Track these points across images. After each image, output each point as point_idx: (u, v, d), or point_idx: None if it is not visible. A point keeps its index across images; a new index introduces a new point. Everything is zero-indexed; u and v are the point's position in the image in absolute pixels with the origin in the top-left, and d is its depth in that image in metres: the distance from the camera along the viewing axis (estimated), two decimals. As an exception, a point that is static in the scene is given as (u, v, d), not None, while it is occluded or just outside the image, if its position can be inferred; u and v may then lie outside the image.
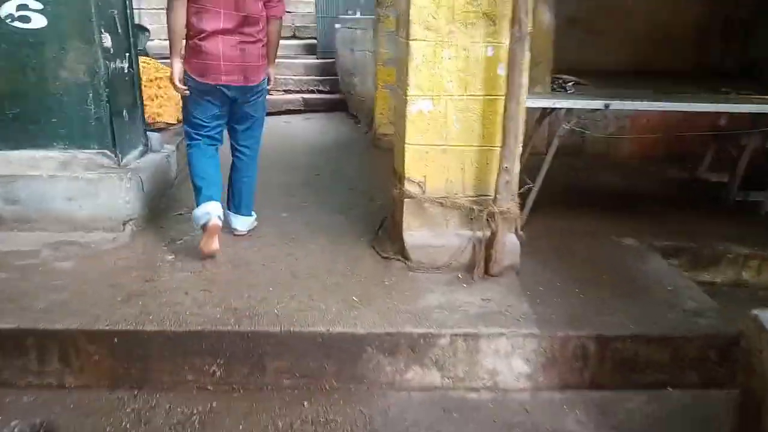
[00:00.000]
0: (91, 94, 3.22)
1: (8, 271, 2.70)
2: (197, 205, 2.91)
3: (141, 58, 5.23)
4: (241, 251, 3.01)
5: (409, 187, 2.80)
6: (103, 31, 3.17)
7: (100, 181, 3.15)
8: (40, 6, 3.07)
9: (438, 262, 2.81)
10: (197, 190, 2.94)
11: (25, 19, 3.07)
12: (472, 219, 2.80)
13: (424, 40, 2.65)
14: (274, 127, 6.26)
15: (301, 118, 6.83)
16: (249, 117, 3.04)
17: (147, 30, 5.72)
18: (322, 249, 3.06)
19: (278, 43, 3.04)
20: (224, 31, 2.75)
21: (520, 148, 2.71)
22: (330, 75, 7.59)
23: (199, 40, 2.75)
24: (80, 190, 3.13)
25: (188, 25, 2.75)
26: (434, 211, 2.83)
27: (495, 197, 2.73)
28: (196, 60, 2.79)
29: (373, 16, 5.92)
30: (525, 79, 2.62)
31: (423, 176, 2.80)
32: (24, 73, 3.14)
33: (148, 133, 4.00)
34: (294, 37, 8.46)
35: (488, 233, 2.74)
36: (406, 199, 2.83)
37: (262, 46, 2.91)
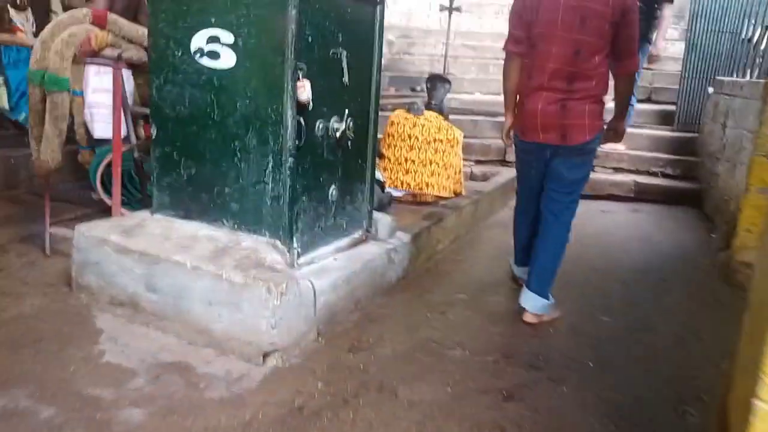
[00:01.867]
0: (270, 164, 2.29)
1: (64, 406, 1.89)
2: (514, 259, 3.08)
3: (427, 113, 4.33)
4: None
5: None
6: (300, 77, 2.21)
7: (245, 288, 2.17)
8: (231, 39, 2.27)
9: None
10: (515, 247, 3.05)
11: (214, 56, 2.31)
12: None
13: None
14: (583, 216, 4.66)
15: (627, 209, 5.02)
16: (561, 177, 2.71)
17: (448, 82, 4.80)
18: None
19: (628, 100, 2.82)
20: (548, 88, 2.56)
21: None
22: (685, 155, 5.56)
23: (524, 95, 2.66)
24: (222, 293, 2.21)
25: (519, 80, 2.68)
26: None
27: None
28: (519, 116, 2.71)
29: (765, 80, 3.85)
30: None
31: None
32: (204, 124, 2.39)
33: (375, 215, 2.96)
34: (649, 100, 6.60)
35: None
36: None
37: (594, 102, 2.60)
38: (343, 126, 2.52)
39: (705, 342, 2.62)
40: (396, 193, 4.13)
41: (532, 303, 2.69)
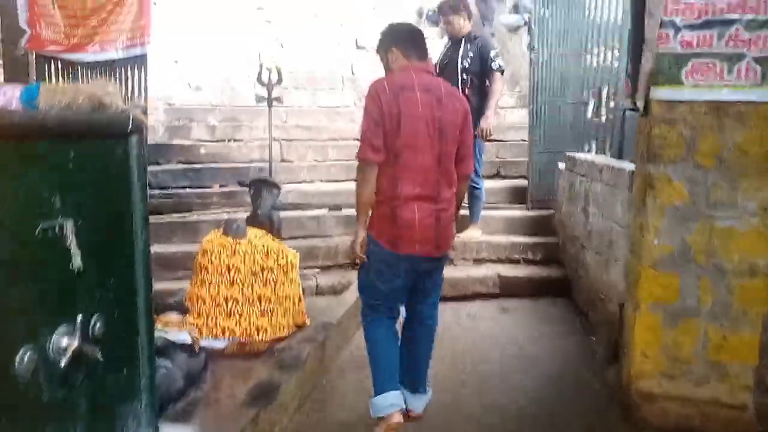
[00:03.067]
0: None
1: None
2: (376, 392, 2.64)
3: (252, 233, 3.40)
4: None
5: None
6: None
7: None
8: None
9: None
10: (377, 374, 2.68)
11: None
12: None
13: None
14: (451, 327, 3.97)
15: (495, 309, 4.41)
16: (435, 284, 2.83)
17: (276, 187, 3.92)
18: None
19: (463, 199, 2.94)
20: (421, 198, 2.54)
21: None
22: (544, 235, 5.16)
23: (393, 206, 2.53)
24: None
25: (379, 190, 2.55)
26: None
27: None
28: (387, 227, 2.56)
29: (629, 167, 3.45)
30: None
31: None
32: None
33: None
34: (498, 175, 6.24)
35: None
36: None
37: (454, 208, 2.73)
38: (76, 341, 1.51)
39: None
40: (217, 345, 3.11)
41: (421, 402, 2.83)
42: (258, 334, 3.18)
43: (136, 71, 4.81)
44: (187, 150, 5.71)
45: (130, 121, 1.78)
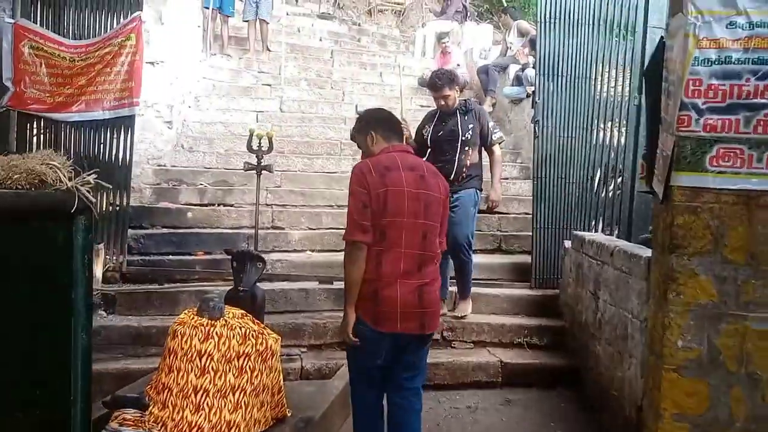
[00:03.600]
0: None
1: None
2: None
3: (229, 313, 3.08)
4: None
5: None
6: None
7: None
8: None
9: None
10: None
11: None
12: None
13: None
14: (445, 424, 3.58)
15: (497, 401, 4.02)
16: (418, 366, 2.77)
17: (261, 260, 3.62)
18: None
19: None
20: (404, 275, 2.55)
21: None
22: (549, 317, 4.83)
23: (375, 286, 2.53)
24: None
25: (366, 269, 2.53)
26: None
27: None
28: (370, 306, 2.55)
29: (645, 254, 3.17)
30: None
31: None
32: None
33: None
34: (499, 250, 5.94)
35: None
36: None
37: (438, 284, 2.74)
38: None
39: None
40: (181, 445, 2.73)
41: None
42: (229, 432, 2.81)
43: (122, 132, 4.61)
44: (173, 214, 5.45)
45: (75, 201, 1.50)
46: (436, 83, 4.41)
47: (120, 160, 4.68)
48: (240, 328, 2.95)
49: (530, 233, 5.30)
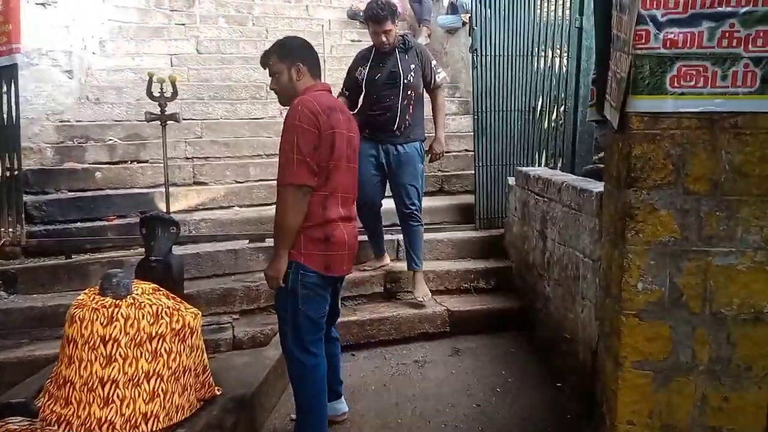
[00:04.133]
0: None
1: None
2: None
3: (139, 289, 2.67)
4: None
5: None
6: None
7: None
8: None
9: None
10: (318, 414, 2.61)
11: None
12: None
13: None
14: (397, 378, 3.35)
15: (446, 352, 3.82)
16: (338, 311, 2.94)
17: (175, 225, 3.17)
18: None
19: None
20: (347, 218, 2.61)
21: None
22: (495, 258, 4.64)
23: (325, 229, 2.50)
24: None
25: (308, 214, 2.46)
26: None
27: None
28: (323, 251, 2.51)
29: (596, 189, 2.93)
30: None
31: None
32: None
33: None
34: (441, 191, 5.66)
35: None
36: None
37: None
38: None
39: None
40: (90, 443, 2.37)
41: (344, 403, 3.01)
42: (147, 424, 2.45)
43: (3, 85, 3.97)
44: (80, 175, 4.86)
45: None
46: (379, 14, 3.78)
47: (5, 117, 4.05)
48: (150, 305, 2.56)
49: (473, 171, 5.02)
